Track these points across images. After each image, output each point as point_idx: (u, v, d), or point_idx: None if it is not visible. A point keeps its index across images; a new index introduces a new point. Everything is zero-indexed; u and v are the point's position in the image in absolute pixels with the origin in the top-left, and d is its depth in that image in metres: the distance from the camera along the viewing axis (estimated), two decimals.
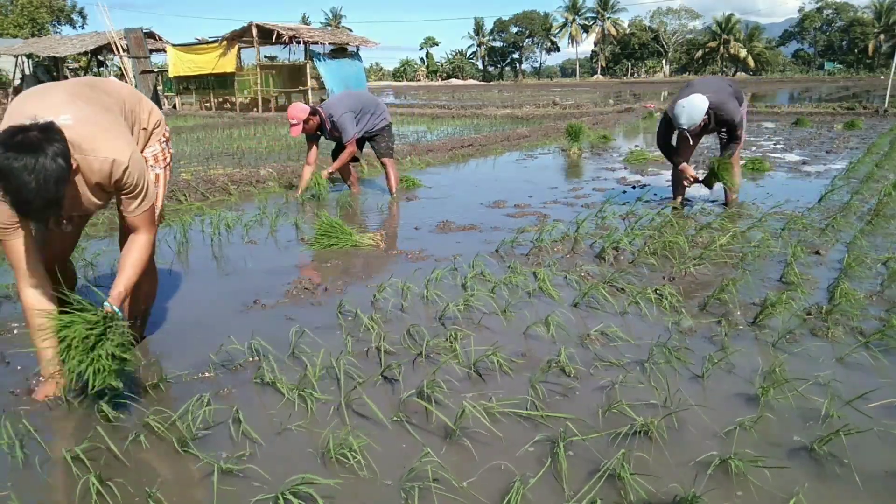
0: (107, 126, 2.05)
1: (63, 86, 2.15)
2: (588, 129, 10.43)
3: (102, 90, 2.21)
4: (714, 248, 3.51)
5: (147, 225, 2.18)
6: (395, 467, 1.68)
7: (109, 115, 2.11)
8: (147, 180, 2.12)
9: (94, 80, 2.31)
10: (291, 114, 5.16)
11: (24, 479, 1.67)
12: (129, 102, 2.28)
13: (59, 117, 1.91)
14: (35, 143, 1.74)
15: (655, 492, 1.58)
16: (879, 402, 1.93)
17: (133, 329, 2.19)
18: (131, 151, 2.04)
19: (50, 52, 21.82)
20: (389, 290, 2.99)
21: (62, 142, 1.80)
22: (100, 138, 1.98)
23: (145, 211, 2.15)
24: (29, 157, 1.71)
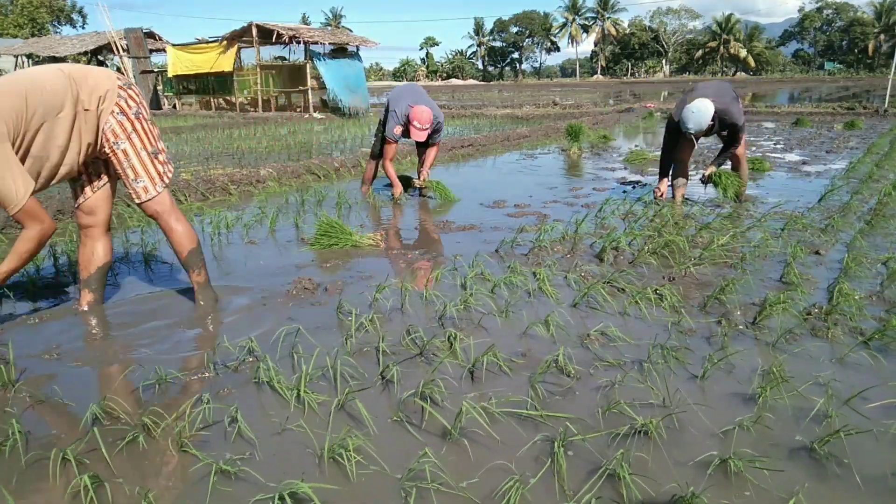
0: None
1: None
2: (588, 129, 10.43)
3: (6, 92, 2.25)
4: (714, 248, 3.50)
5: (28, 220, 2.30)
6: (393, 468, 1.68)
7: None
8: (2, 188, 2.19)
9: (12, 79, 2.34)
10: (424, 118, 5.04)
11: (19, 479, 1.67)
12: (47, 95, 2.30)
13: None
14: None
15: (655, 492, 1.57)
16: (879, 402, 1.93)
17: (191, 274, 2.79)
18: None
19: (50, 52, 21.82)
20: (389, 290, 2.99)
21: None
22: None
23: (16, 213, 2.26)
24: None
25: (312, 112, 17.17)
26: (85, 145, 2.45)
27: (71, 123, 2.37)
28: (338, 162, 7.12)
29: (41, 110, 2.29)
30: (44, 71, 2.40)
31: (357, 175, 6.89)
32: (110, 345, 2.48)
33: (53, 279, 3.27)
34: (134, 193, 2.61)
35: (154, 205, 2.64)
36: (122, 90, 2.50)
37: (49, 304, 2.93)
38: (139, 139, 2.54)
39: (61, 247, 3.75)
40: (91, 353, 2.41)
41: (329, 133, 11.78)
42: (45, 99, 2.31)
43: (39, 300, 2.98)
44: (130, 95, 2.54)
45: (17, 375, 2.20)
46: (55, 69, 2.43)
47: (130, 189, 2.61)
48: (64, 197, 4.89)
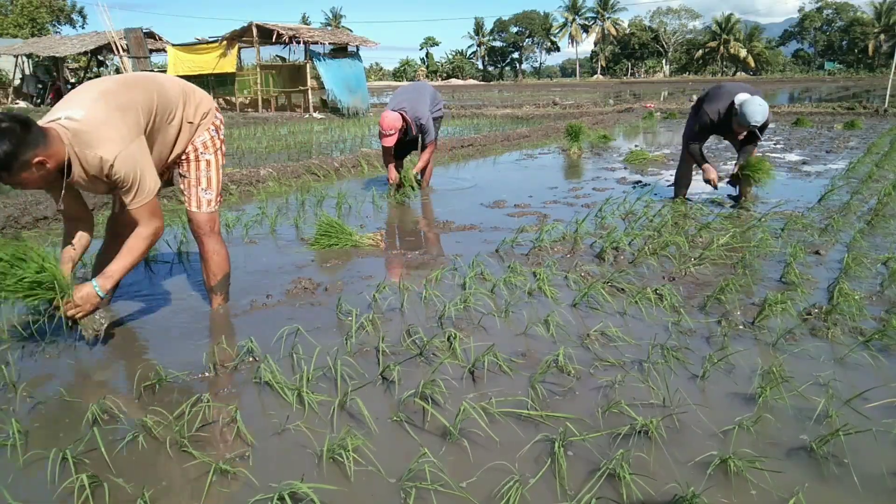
0: (111, 125, 2.22)
1: (100, 84, 2.37)
2: (588, 129, 10.43)
3: (139, 88, 2.39)
4: (714, 248, 3.50)
5: (145, 218, 2.36)
6: (393, 468, 1.68)
7: (121, 114, 2.26)
8: (138, 180, 2.27)
9: (137, 78, 2.49)
10: (389, 124, 5.11)
11: (17, 479, 1.67)
12: (167, 100, 2.45)
13: (71, 111, 2.20)
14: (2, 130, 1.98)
15: (655, 492, 1.57)
16: (879, 401, 1.93)
17: (213, 297, 2.84)
18: (119, 151, 2.19)
19: (50, 52, 21.80)
20: (389, 290, 2.99)
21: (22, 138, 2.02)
22: (96, 135, 2.17)
23: (142, 205, 2.32)
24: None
25: (312, 112, 17.17)
26: (175, 153, 2.59)
27: (177, 131, 2.53)
28: (338, 162, 7.13)
29: (161, 113, 2.43)
30: (165, 78, 2.57)
31: (356, 175, 6.90)
32: (120, 341, 2.48)
33: None
34: (196, 201, 2.67)
35: (208, 219, 2.71)
36: (217, 112, 2.71)
37: None
38: (221, 158, 2.71)
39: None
40: (104, 349, 2.41)
41: (329, 133, 11.78)
42: (167, 104, 2.45)
43: None
44: (221, 120, 2.75)
45: (16, 376, 2.20)
46: (173, 79, 2.61)
47: (195, 197, 2.66)
48: None
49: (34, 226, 4.47)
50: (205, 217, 2.70)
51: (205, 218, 2.71)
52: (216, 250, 2.77)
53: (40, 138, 2.08)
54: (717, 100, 4.74)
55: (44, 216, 4.55)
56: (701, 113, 4.83)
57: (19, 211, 4.48)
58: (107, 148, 2.18)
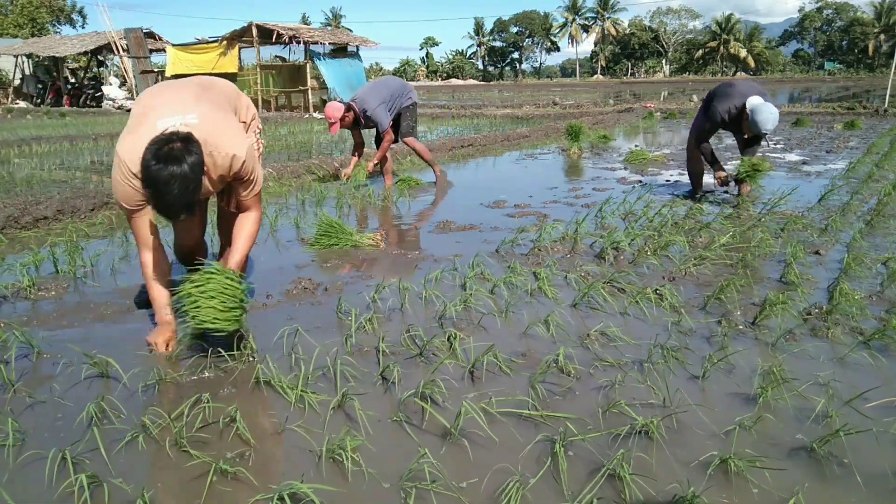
0: (226, 124, 2.35)
1: (186, 85, 2.47)
2: (588, 129, 10.43)
3: (216, 90, 2.52)
4: (714, 248, 3.50)
5: (256, 204, 2.55)
6: (393, 468, 1.68)
7: (225, 114, 2.40)
8: (257, 168, 2.44)
9: (205, 80, 2.60)
10: (328, 113, 5.40)
11: (16, 479, 1.67)
12: (233, 99, 2.58)
13: (186, 116, 2.24)
14: (178, 155, 2.03)
15: (655, 492, 1.57)
16: (879, 401, 1.93)
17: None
18: (247, 145, 2.36)
19: (50, 52, 21.81)
20: (389, 290, 2.99)
21: (199, 153, 2.09)
22: (221, 135, 2.28)
23: (256, 194, 2.51)
24: (174, 167, 2.01)
25: (312, 112, 17.17)
26: None
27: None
28: (338, 162, 7.12)
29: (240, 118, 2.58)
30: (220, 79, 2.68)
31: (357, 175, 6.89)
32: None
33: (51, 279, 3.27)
34: (245, 190, 2.54)
35: (254, 200, 2.59)
36: (258, 123, 2.81)
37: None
38: (259, 156, 2.73)
39: (61, 247, 3.75)
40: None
41: (329, 133, 11.77)
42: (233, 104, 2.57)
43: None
44: (261, 128, 2.85)
45: (17, 377, 2.20)
46: (225, 82, 2.69)
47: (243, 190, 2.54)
48: (63, 197, 4.89)
49: (34, 226, 4.47)
50: (252, 200, 2.59)
51: (252, 201, 2.59)
52: (256, 219, 2.64)
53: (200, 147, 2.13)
54: (730, 98, 4.79)
55: (44, 216, 4.55)
56: (712, 111, 4.88)
57: (19, 211, 4.47)
58: (235, 146, 2.30)
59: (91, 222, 4.58)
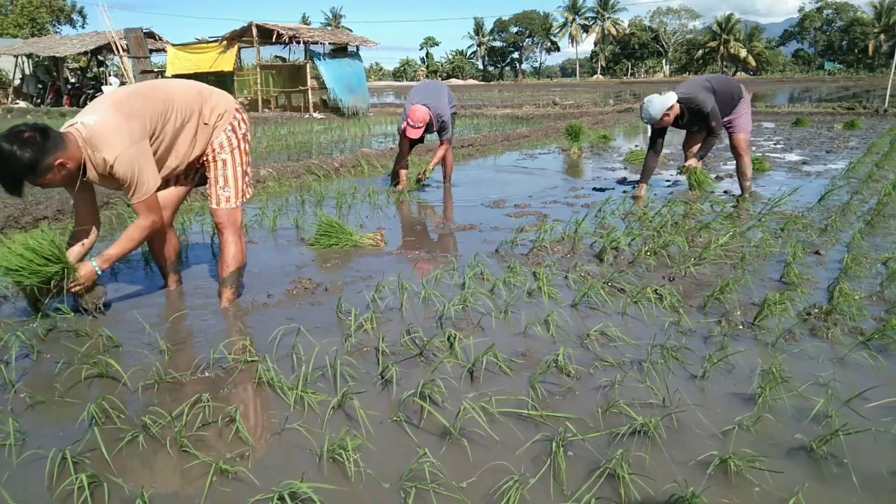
0: (114, 130, 2.47)
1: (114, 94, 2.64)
2: (588, 129, 10.43)
3: (149, 98, 2.63)
4: (714, 248, 3.50)
5: (143, 212, 2.63)
6: (393, 468, 1.68)
7: (124, 120, 2.51)
8: (136, 178, 2.53)
9: (148, 87, 2.74)
10: (418, 117, 5.27)
11: (16, 479, 1.67)
12: (179, 105, 2.68)
13: (85, 117, 2.48)
14: (20, 138, 2.29)
15: (654, 492, 1.57)
16: (879, 401, 1.93)
17: (223, 289, 2.93)
18: (118, 153, 2.46)
19: (50, 52, 21.79)
20: (388, 290, 2.99)
21: (45, 144, 2.32)
22: (104, 140, 2.45)
23: (140, 202, 2.59)
24: (7, 145, 2.27)
25: (312, 112, 17.17)
26: (195, 153, 2.80)
27: (193, 133, 2.75)
28: (338, 162, 7.13)
29: (174, 118, 2.66)
30: (180, 84, 2.80)
31: (357, 175, 6.90)
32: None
33: None
34: (215, 199, 2.87)
35: (227, 215, 2.88)
36: (238, 113, 2.88)
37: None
38: (239, 156, 2.88)
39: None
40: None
41: (329, 133, 11.78)
42: (180, 109, 2.68)
43: None
44: (243, 119, 2.91)
45: (18, 377, 2.20)
46: (189, 84, 2.82)
47: (214, 195, 2.87)
48: (63, 197, 4.89)
49: (34, 226, 4.47)
50: (223, 213, 2.87)
51: (224, 213, 2.87)
52: (232, 243, 2.92)
53: (59, 143, 2.37)
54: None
55: (43, 216, 4.55)
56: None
57: (19, 211, 4.48)
58: (109, 150, 2.45)
59: None
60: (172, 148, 2.71)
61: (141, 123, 2.54)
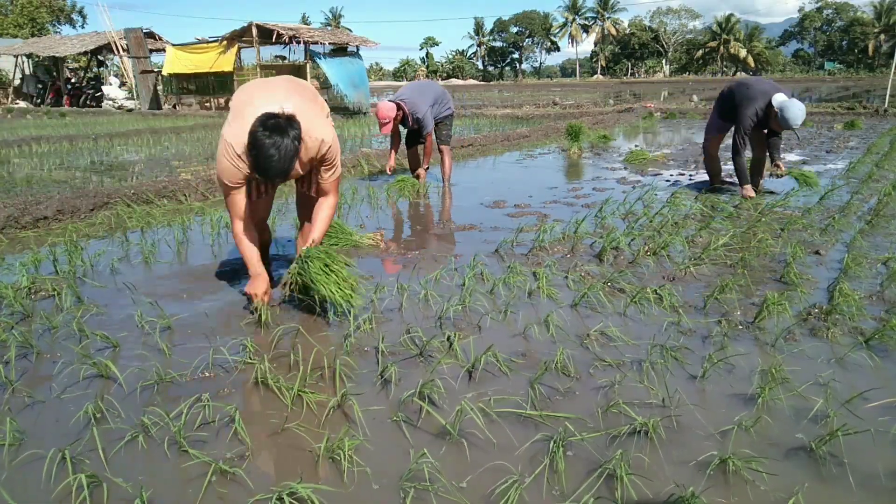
0: (314, 114, 2.69)
1: (276, 82, 2.81)
2: (588, 129, 10.43)
3: (302, 86, 2.86)
4: (714, 248, 3.50)
5: (334, 190, 2.90)
6: (392, 468, 1.68)
7: (313, 105, 2.76)
8: (337, 158, 2.78)
9: (293, 78, 2.93)
10: (384, 113, 5.50)
11: (16, 479, 1.67)
12: (315, 96, 2.89)
13: (284, 104, 2.55)
14: (282, 127, 2.40)
15: (654, 492, 1.57)
16: (879, 402, 1.93)
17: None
18: (333, 133, 2.73)
19: (50, 52, 21.81)
20: (388, 290, 2.99)
21: (299, 129, 2.45)
22: (312, 122, 2.62)
23: (335, 179, 2.85)
24: (277, 137, 2.37)
25: None
26: None
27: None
28: None
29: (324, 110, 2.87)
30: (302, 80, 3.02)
31: (357, 174, 6.90)
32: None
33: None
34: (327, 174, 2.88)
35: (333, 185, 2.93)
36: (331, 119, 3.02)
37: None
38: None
39: (61, 247, 3.75)
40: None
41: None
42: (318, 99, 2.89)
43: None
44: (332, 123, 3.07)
45: (11, 376, 2.19)
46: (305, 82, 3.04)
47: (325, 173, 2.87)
48: (63, 197, 4.89)
49: (34, 226, 4.47)
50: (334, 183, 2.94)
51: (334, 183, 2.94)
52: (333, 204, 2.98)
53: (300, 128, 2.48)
54: (753, 101, 4.93)
55: (44, 216, 4.55)
56: (741, 119, 4.97)
57: (19, 211, 4.47)
58: (324, 132, 2.67)
59: (91, 222, 4.58)
60: None
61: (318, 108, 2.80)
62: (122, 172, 7.31)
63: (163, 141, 10.75)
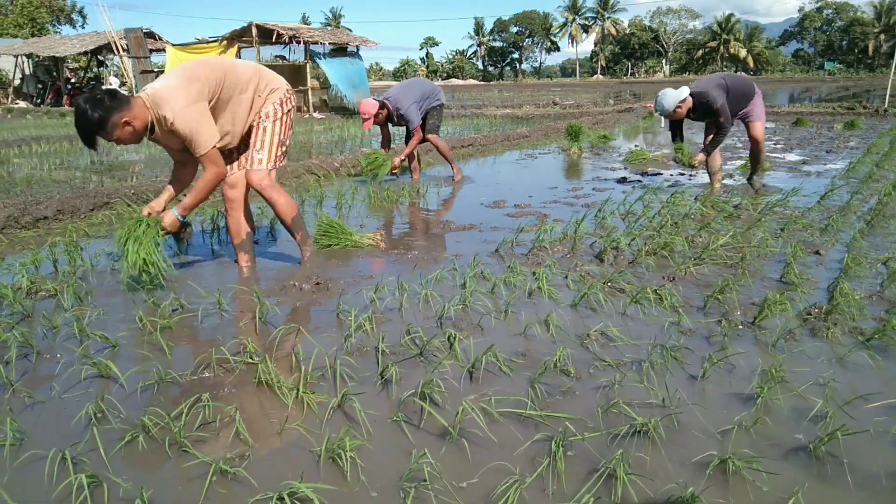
0: (176, 92, 2.88)
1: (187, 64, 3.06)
2: (588, 129, 10.42)
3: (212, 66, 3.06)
4: (714, 248, 3.50)
5: (206, 164, 3.04)
6: (393, 468, 1.68)
7: (186, 84, 2.92)
8: (195, 134, 2.93)
9: (214, 61, 3.17)
10: (364, 109, 5.74)
11: (15, 479, 1.67)
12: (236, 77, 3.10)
13: (155, 83, 2.94)
14: (93, 100, 2.75)
15: (654, 492, 1.57)
16: (879, 402, 1.93)
17: (296, 236, 3.51)
18: (178, 109, 2.87)
19: (50, 52, 21.80)
20: (388, 290, 2.99)
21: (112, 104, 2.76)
22: (164, 101, 2.86)
23: (203, 155, 3.00)
24: (83, 106, 2.75)
25: (312, 112, 17.16)
26: (249, 121, 3.23)
27: (249, 103, 3.18)
28: (338, 162, 7.12)
29: (231, 87, 3.08)
30: (241, 62, 3.33)
31: (357, 175, 6.90)
32: None
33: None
34: (249, 161, 3.29)
35: (258, 177, 3.28)
36: (287, 93, 3.31)
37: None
38: (279, 127, 3.28)
39: (61, 247, 3.75)
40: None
41: (329, 133, 11.78)
42: (237, 80, 3.10)
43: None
44: (290, 98, 3.34)
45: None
46: (249, 62, 3.35)
47: (249, 158, 3.28)
48: (63, 197, 4.89)
49: (34, 226, 4.47)
50: (255, 175, 3.28)
51: (255, 176, 3.29)
52: (275, 198, 3.35)
53: (125, 104, 2.80)
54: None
55: (44, 216, 4.55)
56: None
57: (19, 211, 4.48)
58: (168, 109, 2.86)
59: (91, 222, 4.58)
60: (228, 112, 3.10)
61: (199, 86, 2.94)
62: (122, 172, 7.31)
63: None
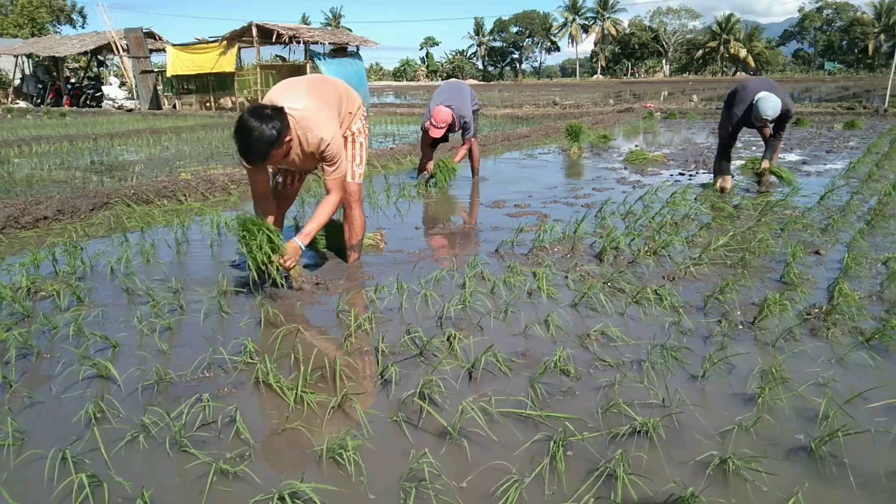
0: (323, 114, 2.96)
1: (305, 82, 3.11)
2: (588, 129, 10.42)
3: (329, 86, 3.16)
4: (714, 248, 3.50)
5: (336, 188, 3.10)
6: (393, 468, 1.68)
7: (326, 106, 3.02)
8: (341, 157, 3.03)
9: (323, 78, 3.28)
10: (442, 118, 5.54)
11: (16, 479, 1.67)
12: (343, 95, 3.20)
13: (294, 103, 2.88)
14: (265, 115, 2.68)
15: (654, 492, 1.57)
16: (879, 402, 1.93)
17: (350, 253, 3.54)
18: (333, 134, 2.95)
19: (50, 52, 21.81)
20: (388, 290, 2.99)
21: (281, 123, 2.71)
22: (316, 123, 2.90)
23: (337, 178, 3.07)
24: (256, 122, 2.65)
25: None
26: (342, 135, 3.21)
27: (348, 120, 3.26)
28: None
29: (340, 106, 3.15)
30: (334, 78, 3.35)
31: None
32: None
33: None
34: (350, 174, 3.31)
35: (356, 189, 3.36)
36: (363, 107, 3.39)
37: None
38: (367, 141, 3.40)
39: (61, 247, 3.75)
40: None
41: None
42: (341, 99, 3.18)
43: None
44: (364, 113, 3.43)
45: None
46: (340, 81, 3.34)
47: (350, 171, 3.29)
48: (63, 197, 4.89)
49: (34, 226, 4.47)
50: (355, 187, 3.35)
51: (355, 188, 3.35)
52: (358, 215, 3.44)
53: (287, 122, 2.76)
54: (742, 102, 5.24)
55: (44, 216, 4.55)
56: (732, 114, 5.32)
57: (19, 211, 4.48)
58: (325, 131, 2.91)
59: (91, 222, 4.58)
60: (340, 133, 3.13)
61: (333, 109, 3.05)
62: (122, 172, 7.31)
63: (163, 141, 10.75)
